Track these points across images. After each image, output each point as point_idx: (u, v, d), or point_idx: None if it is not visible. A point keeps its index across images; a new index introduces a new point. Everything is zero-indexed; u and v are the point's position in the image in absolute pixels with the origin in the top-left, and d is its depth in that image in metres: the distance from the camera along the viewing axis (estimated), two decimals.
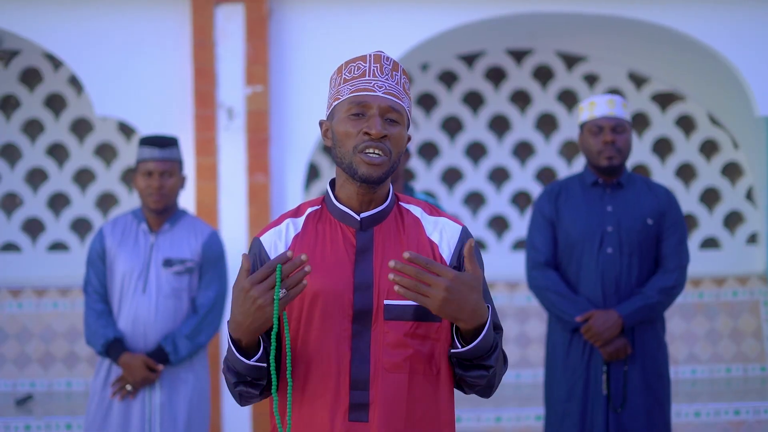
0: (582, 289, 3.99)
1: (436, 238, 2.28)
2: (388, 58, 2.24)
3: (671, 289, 3.96)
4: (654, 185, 4.10)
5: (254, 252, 2.28)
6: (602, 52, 6.56)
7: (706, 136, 6.71)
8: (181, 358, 3.98)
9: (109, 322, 4.00)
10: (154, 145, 4.02)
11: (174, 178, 4.05)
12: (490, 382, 2.23)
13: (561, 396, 4.00)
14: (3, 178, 6.55)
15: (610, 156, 3.97)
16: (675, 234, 4.02)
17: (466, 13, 5.50)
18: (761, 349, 6.19)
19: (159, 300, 4.00)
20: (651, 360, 3.96)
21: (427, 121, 6.69)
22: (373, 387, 2.19)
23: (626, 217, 3.99)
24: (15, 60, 6.53)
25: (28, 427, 5.29)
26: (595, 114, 3.98)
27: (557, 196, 4.11)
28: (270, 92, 5.39)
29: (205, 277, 4.09)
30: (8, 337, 6.04)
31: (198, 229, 4.12)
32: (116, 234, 4.08)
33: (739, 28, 5.52)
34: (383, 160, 2.18)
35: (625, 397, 3.90)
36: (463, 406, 5.47)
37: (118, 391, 3.97)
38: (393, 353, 2.20)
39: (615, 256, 3.96)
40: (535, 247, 4.08)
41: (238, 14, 5.36)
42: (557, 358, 4.05)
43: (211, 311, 4.07)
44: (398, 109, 2.21)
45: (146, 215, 4.09)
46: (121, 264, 4.02)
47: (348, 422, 2.19)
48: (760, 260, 6.51)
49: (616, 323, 3.87)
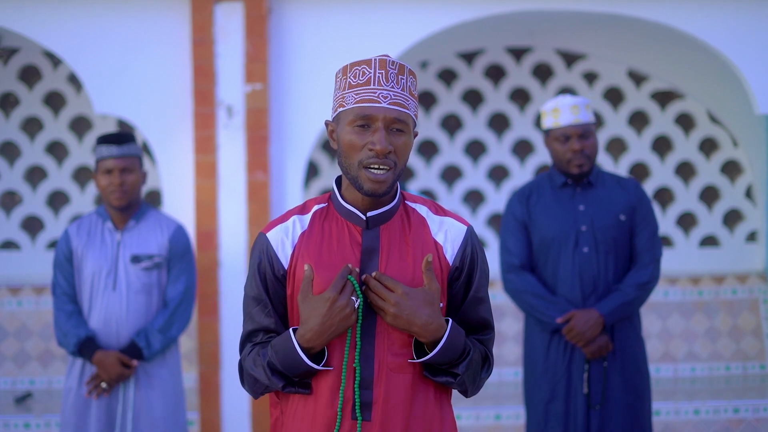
0: (560, 290, 4.01)
1: (441, 239, 2.29)
2: (393, 63, 2.22)
3: (647, 284, 4.00)
4: (623, 180, 4.12)
5: (260, 248, 2.28)
6: (602, 50, 6.55)
7: (705, 134, 6.71)
8: (154, 352, 4.00)
9: (80, 322, 4.01)
10: (112, 143, 4.02)
11: (134, 174, 4.05)
12: (462, 387, 2.26)
13: (544, 397, 4.01)
14: (2, 176, 6.55)
15: (580, 164, 4.00)
16: (647, 228, 4.05)
17: (466, 11, 5.50)
18: (761, 347, 6.19)
19: (130, 296, 4.02)
20: (630, 356, 4.00)
21: (427, 119, 6.68)
22: (377, 386, 2.20)
23: (599, 215, 4.01)
24: (14, 58, 6.53)
25: (28, 425, 5.29)
26: (560, 122, 3.99)
27: (528, 198, 4.11)
28: (269, 90, 5.38)
29: (174, 270, 4.11)
30: (7, 334, 6.04)
31: (164, 223, 4.14)
32: (82, 234, 4.09)
33: (738, 26, 5.52)
34: (388, 176, 2.19)
35: (604, 394, 3.92)
36: (462, 404, 5.47)
37: (93, 389, 3.98)
38: (397, 354, 2.21)
39: (591, 255, 3.98)
40: (509, 250, 4.09)
41: (237, 12, 5.36)
42: (537, 359, 4.06)
43: (181, 304, 4.09)
44: (403, 119, 2.20)
45: (110, 213, 4.10)
46: (89, 263, 4.04)
47: (351, 421, 2.19)
48: (760, 258, 6.51)
49: (597, 322, 3.89)
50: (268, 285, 2.26)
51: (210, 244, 5.33)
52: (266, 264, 2.26)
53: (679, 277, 6.29)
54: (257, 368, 2.22)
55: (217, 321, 5.32)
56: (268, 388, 2.23)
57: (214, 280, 5.31)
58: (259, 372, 2.22)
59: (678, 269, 6.41)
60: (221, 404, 5.32)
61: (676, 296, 6.26)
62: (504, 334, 6.17)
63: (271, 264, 2.25)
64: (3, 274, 6.34)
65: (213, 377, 5.33)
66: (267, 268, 2.26)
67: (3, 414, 5.37)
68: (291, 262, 2.25)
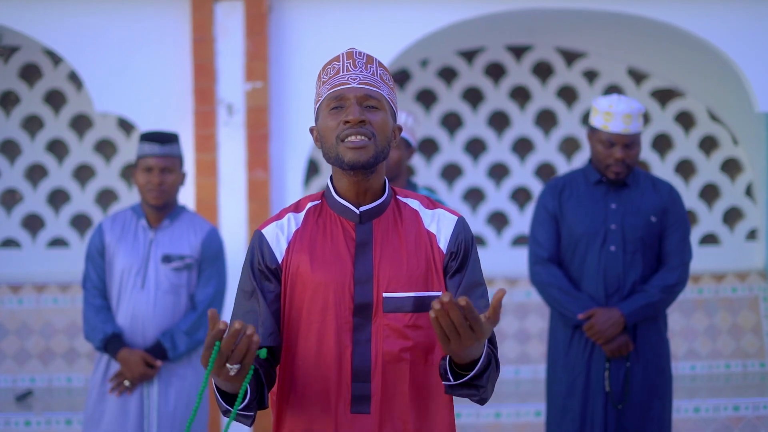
0: (584, 286, 3.99)
1: (434, 229, 2.30)
2: (360, 53, 2.27)
3: (674, 287, 3.96)
4: (658, 182, 4.08)
5: (255, 243, 2.29)
6: (602, 49, 6.55)
7: (705, 132, 6.71)
8: (179, 354, 3.98)
9: (108, 318, 4.00)
10: (155, 141, 4.01)
11: (174, 174, 4.04)
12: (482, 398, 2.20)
13: (561, 391, 4.01)
14: (3, 174, 6.55)
15: (618, 171, 3.96)
16: (678, 231, 4.01)
17: (466, 10, 5.50)
18: (760, 345, 6.20)
19: (157, 296, 4.00)
20: (653, 356, 3.97)
21: (427, 118, 6.69)
22: (375, 379, 2.21)
23: (630, 215, 3.99)
24: (15, 56, 6.53)
25: (28, 423, 5.30)
26: (609, 127, 3.92)
27: (561, 192, 4.09)
28: (270, 88, 5.39)
29: (204, 273, 4.09)
30: (8, 332, 6.04)
31: (197, 225, 4.12)
32: (116, 230, 4.08)
33: (738, 24, 5.52)
34: (366, 143, 2.20)
35: (626, 393, 3.91)
36: (462, 402, 5.47)
37: (116, 386, 3.98)
38: (393, 345, 2.22)
39: (618, 254, 3.96)
40: (538, 242, 4.07)
41: (237, 10, 5.36)
42: (558, 353, 4.06)
43: (209, 307, 4.06)
44: (376, 96, 2.24)
45: (146, 211, 4.09)
46: (120, 260, 4.02)
47: (350, 414, 2.20)
48: (760, 256, 6.52)
49: (618, 321, 3.87)
50: (261, 280, 2.26)
51: None
52: (260, 258, 2.27)
53: None
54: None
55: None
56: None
57: None
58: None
59: None
60: None
61: None
62: (504, 332, 6.18)
63: (265, 258, 2.27)
64: (3, 272, 6.34)
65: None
66: (261, 263, 2.27)
67: (3, 412, 5.38)
68: (286, 257, 2.26)
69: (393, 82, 2.32)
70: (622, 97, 3.96)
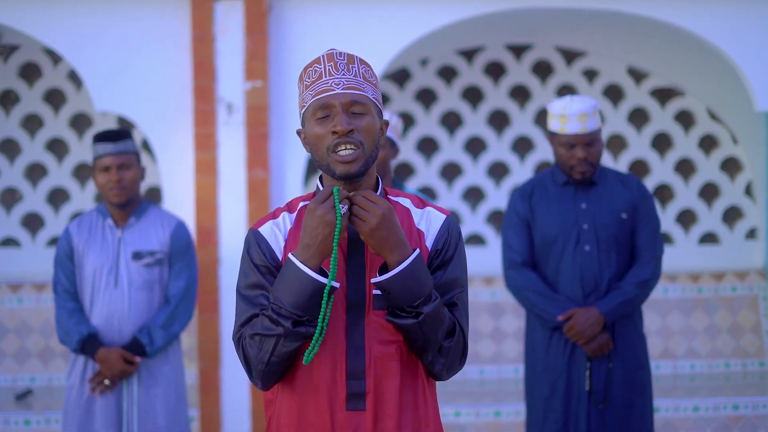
0: (561, 288, 4.02)
1: (423, 227, 2.32)
2: (341, 53, 2.27)
3: (648, 282, 4.00)
4: (626, 178, 4.12)
5: (253, 242, 2.30)
6: (601, 48, 6.56)
7: (705, 131, 6.71)
8: (157, 348, 4.01)
9: (82, 319, 4.01)
10: (108, 140, 4.04)
11: (132, 170, 4.06)
12: (425, 341, 2.21)
13: (543, 392, 4.02)
14: (2, 173, 6.55)
15: (583, 171, 3.99)
16: (648, 225, 4.05)
17: (466, 9, 5.50)
18: (760, 344, 6.20)
19: (132, 293, 4.03)
20: (631, 353, 4.01)
21: (427, 117, 6.69)
22: (369, 376, 2.22)
23: (601, 213, 4.01)
24: (14, 55, 6.53)
25: (28, 422, 5.30)
26: (566, 129, 3.96)
27: (530, 196, 4.11)
28: (269, 87, 5.39)
29: (175, 267, 4.12)
30: (8, 331, 6.05)
31: (165, 220, 4.15)
32: (82, 232, 4.10)
33: (738, 23, 5.52)
34: (357, 154, 2.22)
35: (608, 392, 3.92)
36: (462, 401, 5.48)
37: (96, 386, 3.98)
38: (384, 342, 2.24)
39: (593, 253, 3.99)
40: (511, 247, 4.09)
41: (237, 9, 5.37)
42: (537, 356, 4.07)
43: (183, 300, 4.10)
44: (361, 100, 2.24)
45: (110, 211, 4.11)
46: (90, 261, 4.05)
47: (346, 412, 2.22)
48: (759, 255, 6.52)
49: (597, 320, 3.90)
50: (265, 274, 2.27)
51: (210, 241, 5.33)
52: (261, 255, 2.28)
53: (678, 274, 6.30)
54: (262, 321, 2.19)
55: (217, 318, 5.32)
56: (277, 348, 2.18)
57: (214, 277, 5.32)
58: (264, 323, 2.19)
59: (677, 266, 6.41)
60: (221, 400, 5.33)
61: (676, 293, 6.26)
62: (504, 331, 6.18)
63: (266, 254, 2.28)
64: (3, 271, 6.34)
65: (213, 374, 5.34)
66: (263, 258, 2.28)
67: (3, 411, 5.38)
68: (284, 255, 2.28)
69: (375, 78, 2.33)
70: (575, 98, 4.00)
